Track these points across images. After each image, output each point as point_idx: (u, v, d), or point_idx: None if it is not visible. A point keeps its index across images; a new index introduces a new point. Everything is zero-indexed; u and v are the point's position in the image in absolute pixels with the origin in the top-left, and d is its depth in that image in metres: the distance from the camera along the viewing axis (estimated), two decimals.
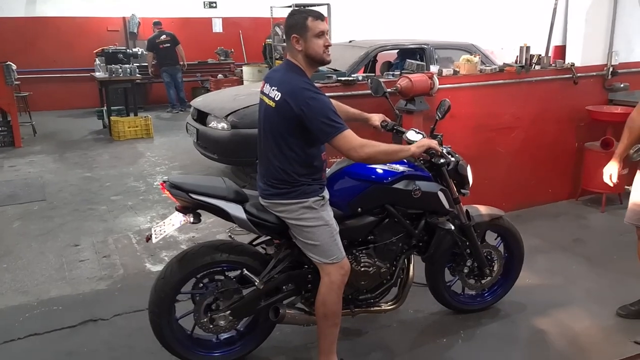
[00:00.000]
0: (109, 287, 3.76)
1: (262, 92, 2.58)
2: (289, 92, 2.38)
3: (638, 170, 3.14)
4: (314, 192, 2.50)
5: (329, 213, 2.54)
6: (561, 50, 6.54)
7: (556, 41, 6.53)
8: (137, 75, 9.32)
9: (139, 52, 11.25)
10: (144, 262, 4.14)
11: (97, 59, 10.15)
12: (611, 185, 3.26)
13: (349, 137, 2.37)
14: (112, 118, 8.79)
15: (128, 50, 10.99)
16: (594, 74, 5.11)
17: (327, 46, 2.46)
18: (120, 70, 8.98)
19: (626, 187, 5.07)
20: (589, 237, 4.50)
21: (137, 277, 3.88)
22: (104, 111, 9.26)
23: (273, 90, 2.46)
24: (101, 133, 9.21)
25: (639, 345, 2.96)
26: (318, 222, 2.49)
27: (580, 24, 5.55)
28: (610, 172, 3.21)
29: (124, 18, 11.87)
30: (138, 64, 10.23)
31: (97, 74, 9.30)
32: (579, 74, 4.95)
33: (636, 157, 5.03)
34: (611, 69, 5.09)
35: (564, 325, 3.23)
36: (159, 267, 3.99)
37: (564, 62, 4.98)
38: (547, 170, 5.10)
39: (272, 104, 2.45)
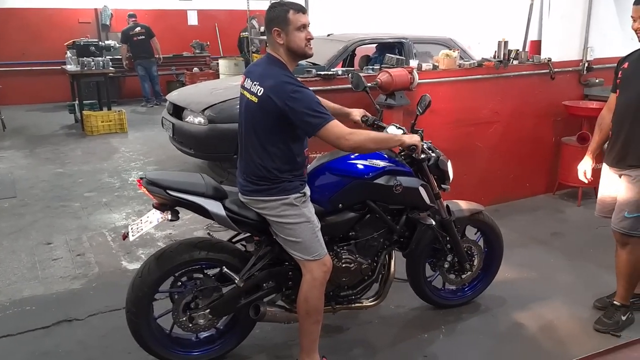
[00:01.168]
0: (84, 286, 3.67)
1: (242, 87, 2.52)
2: (272, 87, 2.33)
3: (604, 165, 3.17)
4: (294, 189, 2.46)
5: (310, 209, 2.51)
6: (537, 45, 6.60)
7: (531, 36, 6.58)
8: (110, 68, 9.11)
9: (112, 45, 11.01)
10: (120, 260, 4.05)
11: (68, 52, 9.91)
12: (586, 181, 3.31)
13: (337, 126, 2.34)
14: (84, 112, 8.59)
15: (100, 43, 10.71)
16: (570, 69, 5.17)
17: (308, 39, 2.42)
18: (92, 63, 8.76)
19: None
20: (566, 231, 4.56)
21: (112, 276, 3.79)
22: (76, 105, 9.04)
23: (255, 85, 2.40)
24: (73, 128, 8.99)
25: (617, 337, 3.01)
26: (299, 219, 2.45)
27: (557, 19, 5.60)
28: (585, 168, 3.26)
29: (95, 10, 11.59)
30: (111, 57, 10.00)
31: (69, 67, 9.07)
32: (555, 69, 5.00)
33: None
34: (586, 65, 5.16)
35: (542, 318, 3.26)
36: (135, 265, 3.91)
37: (541, 58, 5.02)
38: (525, 164, 5.14)
39: (254, 99, 2.39)
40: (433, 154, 2.84)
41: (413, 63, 4.46)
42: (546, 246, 4.26)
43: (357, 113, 2.94)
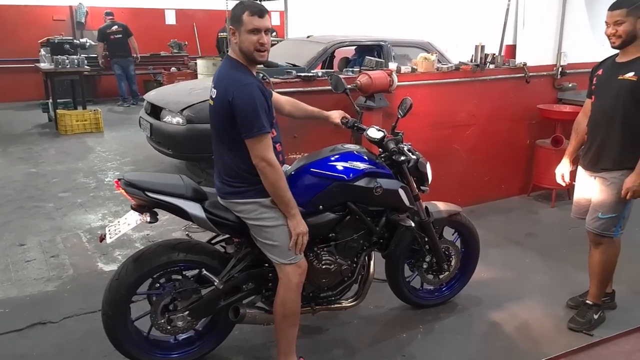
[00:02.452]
0: (58, 288, 3.60)
1: (210, 96, 2.52)
2: (223, 88, 2.34)
3: (579, 168, 3.25)
4: None
5: None
6: (512, 50, 6.72)
7: (507, 40, 6.70)
8: (86, 66, 8.98)
9: (87, 43, 10.83)
10: (96, 261, 3.99)
11: (42, 50, 9.71)
12: (563, 184, 3.38)
13: (266, 146, 2.31)
14: (58, 111, 8.44)
15: (75, 41, 10.54)
16: (545, 73, 5.28)
17: (261, 44, 2.35)
18: (67, 61, 8.61)
19: (573, 183, 5.27)
20: (541, 232, 4.65)
21: (88, 278, 3.74)
22: (50, 104, 8.88)
23: (212, 89, 2.43)
24: (47, 127, 8.82)
25: (589, 336, 3.08)
26: (277, 222, 2.45)
27: (532, 24, 5.71)
28: (562, 171, 3.33)
29: (70, 7, 11.41)
30: (86, 55, 9.84)
31: (42, 65, 8.91)
32: (530, 74, 5.09)
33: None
34: (560, 69, 5.27)
35: (517, 317, 3.32)
36: (111, 267, 3.86)
37: (516, 62, 5.11)
38: (501, 166, 5.23)
39: (211, 102, 2.43)
40: (413, 156, 2.87)
41: (392, 66, 4.50)
42: (521, 246, 4.34)
43: (336, 115, 2.95)
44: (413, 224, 2.90)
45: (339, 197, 2.70)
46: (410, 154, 2.85)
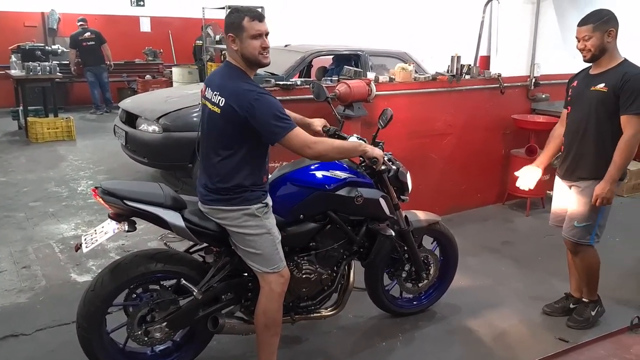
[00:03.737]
0: (30, 299, 3.50)
1: (204, 97, 2.49)
2: (233, 96, 2.31)
3: (556, 177, 3.31)
4: (256, 199, 2.44)
5: (271, 221, 2.49)
6: (486, 61, 6.85)
7: (481, 52, 6.83)
8: (58, 73, 8.80)
9: (59, 50, 10.64)
10: (69, 272, 3.90)
11: (12, 56, 9.47)
12: (526, 189, 3.41)
13: (301, 134, 2.33)
14: (29, 119, 8.25)
15: (47, 47, 10.36)
16: (519, 84, 5.39)
17: (264, 48, 2.38)
18: (38, 68, 8.44)
19: (547, 191, 5.38)
20: (516, 240, 4.72)
21: (61, 289, 3.65)
22: (20, 111, 8.67)
23: (215, 95, 2.37)
24: (17, 135, 8.62)
25: (564, 342, 3.12)
26: (260, 230, 2.44)
27: (506, 36, 5.83)
28: (529, 176, 3.34)
29: (42, 13, 11.19)
30: (58, 62, 9.67)
31: (13, 72, 8.69)
32: (505, 84, 5.19)
33: (557, 165, 5.35)
34: (534, 80, 5.39)
35: (495, 324, 3.35)
36: (85, 278, 3.77)
37: (491, 73, 5.21)
38: (476, 175, 5.30)
39: (216, 109, 2.36)
40: (393, 166, 2.89)
41: (370, 75, 4.53)
42: (498, 254, 4.39)
43: (318, 123, 2.96)
44: (393, 233, 2.91)
45: (319, 206, 2.70)
46: (390, 163, 2.87)
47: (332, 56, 6.72)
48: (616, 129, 2.94)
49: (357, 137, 2.86)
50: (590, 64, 3.08)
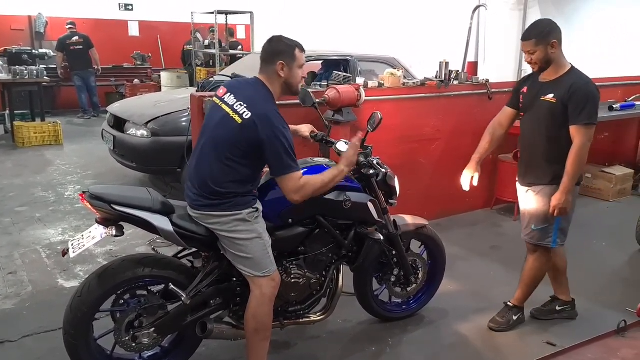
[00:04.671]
0: (16, 306, 3.47)
1: (221, 99, 2.49)
2: (261, 117, 2.35)
3: (517, 183, 3.33)
4: (247, 204, 2.44)
5: (262, 225, 2.50)
6: (474, 67, 6.91)
7: (469, 58, 6.90)
8: (45, 77, 8.76)
9: (47, 53, 10.57)
10: (56, 278, 3.86)
11: None
12: (467, 189, 3.38)
13: (297, 179, 2.41)
14: (15, 123, 8.21)
15: (34, 51, 10.30)
16: (506, 90, 5.41)
17: (302, 78, 2.57)
18: (25, 72, 8.39)
19: None
20: (504, 244, 4.74)
21: (48, 295, 3.61)
22: (6, 115, 8.60)
23: (241, 105, 2.40)
24: (3, 139, 8.55)
25: (552, 346, 3.14)
26: (251, 235, 2.44)
27: (493, 43, 5.89)
28: (470, 175, 3.33)
29: (29, 17, 11.14)
30: (46, 66, 9.61)
31: None
32: (493, 90, 5.23)
33: None
34: None
35: (483, 328, 3.37)
36: (72, 283, 3.74)
37: (479, 79, 5.25)
38: None
39: (237, 119, 2.38)
40: (382, 170, 2.90)
41: (359, 80, 4.55)
42: (486, 258, 4.42)
43: (305, 129, 2.97)
44: (382, 238, 2.92)
45: (308, 210, 2.69)
46: (379, 167, 2.88)
47: (321, 61, 6.73)
48: (565, 137, 2.97)
49: (345, 142, 2.87)
50: None
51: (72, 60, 10.22)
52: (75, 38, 10.17)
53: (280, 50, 2.47)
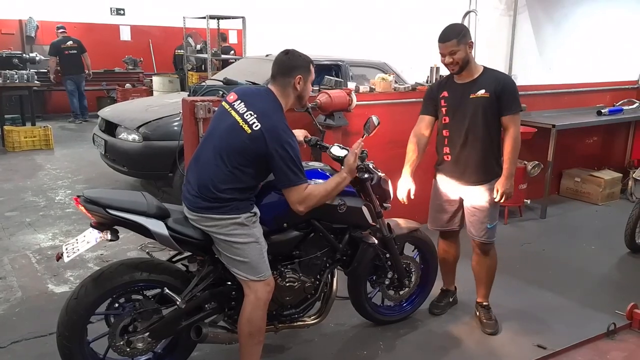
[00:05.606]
0: (6, 311, 3.44)
1: (231, 106, 2.51)
2: (270, 129, 2.38)
3: (440, 179, 3.43)
4: (245, 208, 2.46)
5: (259, 230, 2.51)
6: None
7: None
8: (35, 81, 8.71)
9: (37, 58, 10.51)
10: (46, 283, 3.83)
11: None
12: (405, 202, 3.28)
13: (302, 191, 2.44)
14: (5, 127, 8.15)
15: (24, 55, 10.24)
16: None
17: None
18: (15, 76, 8.34)
19: (525, 200, 5.48)
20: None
21: (38, 300, 3.59)
22: None
23: (251, 115, 2.42)
24: None
25: (542, 349, 3.17)
26: (248, 239, 2.45)
27: (483, 48, 5.94)
28: (408, 187, 3.29)
29: (20, 21, 11.07)
30: (36, 70, 9.55)
31: None
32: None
33: (534, 173, 5.44)
34: None
35: (475, 331, 3.40)
36: (63, 288, 3.72)
37: None
38: None
39: (247, 129, 2.40)
40: (377, 174, 2.93)
41: (351, 85, 4.58)
42: None
43: (299, 134, 2.99)
44: (376, 241, 2.94)
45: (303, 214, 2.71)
46: (374, 171, 2.90)
47: None
48: (497, 129, 3.15)
49: (340, 147, 2.89)
50: (449, 74, 3.25)
51: (66, 65, 10.18)
52: (70, 42, 10.15)
53: (299, 64, 2.52)
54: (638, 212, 4.53)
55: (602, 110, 5.99)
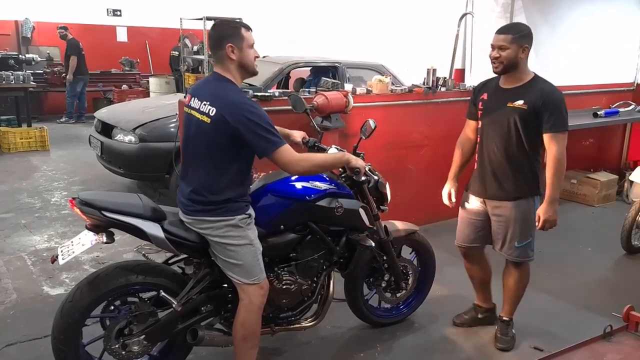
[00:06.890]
0: (0, 314, 3.42)
1: (188, 106, 2.48)
2: (226, 107, 2.32)
3: (470, 194, 3.22)
4: (240, 210, 2.45)
5: (254, 232, 2.50)
6: (461, 73, 6.97)
7: (456, 64, 6.96)
8: (32, 82, 8.68)
9: (33, 59, 10.48)
10: (41, 285, 3.81)
11: None
12: (449, 205, 3.30)
13: (289, 151, 2.35)
14: (1, 128, 8.13)
15: (20, 56, 10.20)
16: None
17: (256, 57, 2.46)
18: (11, 77, 8.31)
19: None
20: (491, 250, 4.73)
21: (33, 302, 3.57)
22: None
23: (205, 105, 2.37)
24: None
25: (539, 351, 3.17)
26: (243, 241, 2.44)
27: (481, 49, 5.95)
28: (447, 191, 3.29)
29: (16, 22, 11.02)
30: (32, 71, 9.51)
31: None
32: None
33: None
34: None
35: (471, 333, 3.40)
36: (58, 291, 3.70)
37: (466, 85, 5.30)
38: None
39: (206, 119, 2.36)
40: (374, 177, 2.93)
41: (348, 87, 4.58)
42: None
43: (297, 135, 2.98)
44: (373, 244, 2.93)
45: (299, 217, 2.71)
46: (371, 174, 2.90)
47: (309, 68, 6.76)
48: (535, 145, 2.91)
49: (337, 149, 2.89)
50: (496, 76, 3.03)
51: (82, 65, 10.25)
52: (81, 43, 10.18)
53: (226, 33, 2.40)
54: (634, 213, 4.54)
55: (598, 112, 6.00)
